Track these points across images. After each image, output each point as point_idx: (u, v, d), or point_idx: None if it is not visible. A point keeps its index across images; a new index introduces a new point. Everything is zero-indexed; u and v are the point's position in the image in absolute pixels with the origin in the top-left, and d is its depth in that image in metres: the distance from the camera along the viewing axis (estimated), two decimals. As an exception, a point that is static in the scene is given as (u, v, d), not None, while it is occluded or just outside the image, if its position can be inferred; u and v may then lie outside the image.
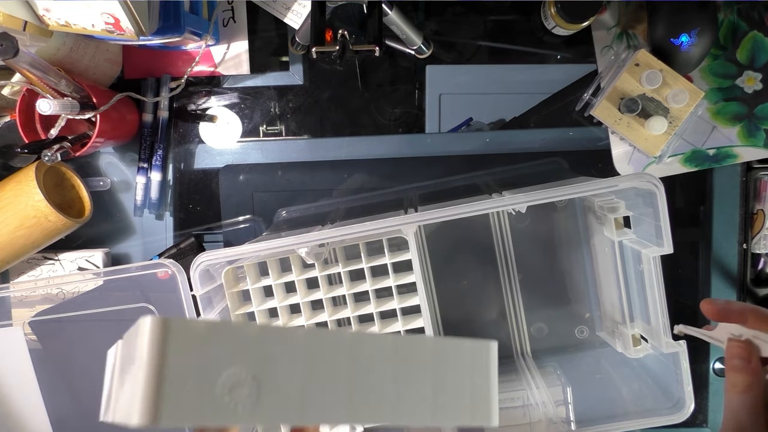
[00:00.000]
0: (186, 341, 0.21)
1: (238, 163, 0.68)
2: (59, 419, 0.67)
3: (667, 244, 0.51)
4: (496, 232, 0.66)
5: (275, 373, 0.23)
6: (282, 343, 0.23)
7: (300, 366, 0.23)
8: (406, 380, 0.26)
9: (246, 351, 0.22)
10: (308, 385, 0.23)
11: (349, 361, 0.24)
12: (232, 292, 0.60)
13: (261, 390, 0.22)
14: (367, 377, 0.25)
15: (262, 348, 0.23)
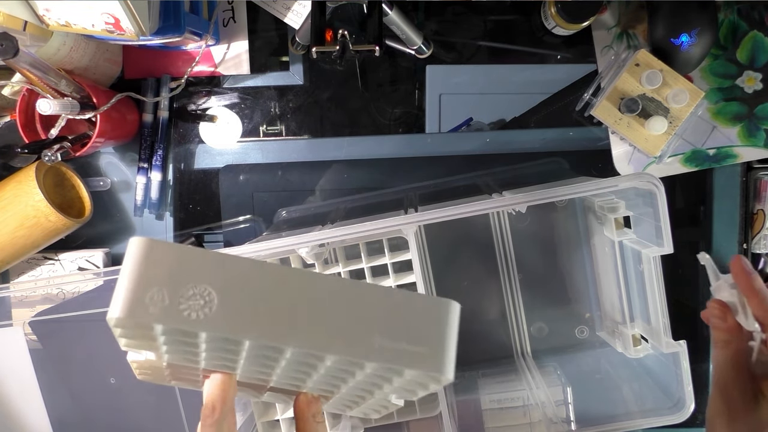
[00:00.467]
0: (159, 256, 0.26)
1: (238, 163, 0.68)
2: (59, 419, 0.67)
3: (667, 244, 0.51)
4: (496, 232, 0.66)
5: (232, 292, 0.26)
6: (243, 270, 0.27)
7: (254, 291, 0.27)
8: (350, 317, 0.27)
9: (207, 271, 0.26)
10: (258, 307, 0.26)
11: (299, 293, 0.27)
12: (232, 292, 0.60)
13: (215, 305, 0.26)
14: (314, 309, 0.27)
15: (224, 271, 0.26)
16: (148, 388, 0.65)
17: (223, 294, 0.26)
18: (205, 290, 0.26)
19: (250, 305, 0.26)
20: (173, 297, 0.25)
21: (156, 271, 0.25)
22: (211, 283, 0.26)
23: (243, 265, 0.27)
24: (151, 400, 0.65)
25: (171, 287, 0.25)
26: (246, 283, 0.26)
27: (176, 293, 0.25)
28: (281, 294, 0.27)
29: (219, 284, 0.26)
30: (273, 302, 0.27)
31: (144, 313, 0.25)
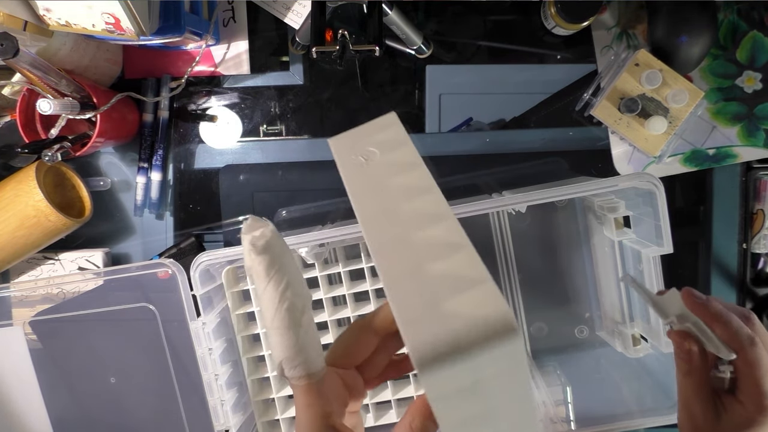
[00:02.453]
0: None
1: (238, 163, 0.68)
2: (59, 419, 0.67)
3: (667, 244, 0.52)
4: (496, 232, 0.66)
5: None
6: None
7: None
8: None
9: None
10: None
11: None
12: (232, 292, 0.60)
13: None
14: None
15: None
16: (148, 388, 0.65)
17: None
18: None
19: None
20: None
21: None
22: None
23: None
24: (151, 400, 0.65)
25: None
26: None
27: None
28: None
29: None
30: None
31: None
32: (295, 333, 0.28)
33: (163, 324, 0.62)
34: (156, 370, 0.63)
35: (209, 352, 0.57)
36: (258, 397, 0.62)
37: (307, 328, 0.28)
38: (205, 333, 0.57)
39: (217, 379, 0.57)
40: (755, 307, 0.68)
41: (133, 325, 0.63)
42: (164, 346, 0.62)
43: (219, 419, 0.58)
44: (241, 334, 0.61)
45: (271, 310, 0.28)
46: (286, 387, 0.63)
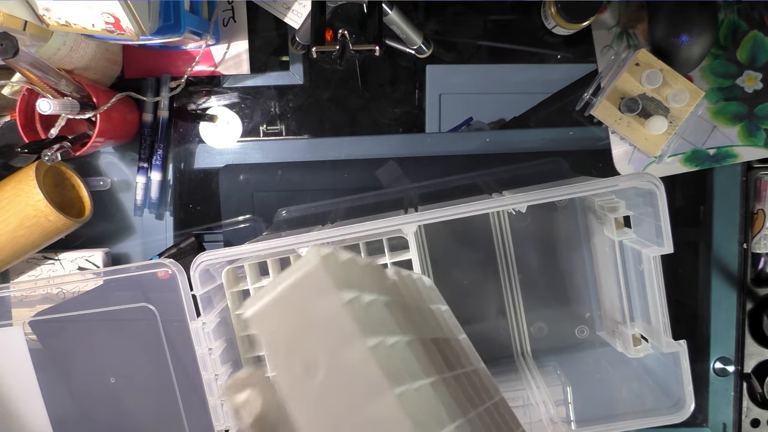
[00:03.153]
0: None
1: (238, 163, 0.68)
2: (59, 419, 0.67)
3: (667, 244, 0.51)
4: (496, 232, 0.66)
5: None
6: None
7: None
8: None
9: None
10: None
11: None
12: (232, 292, 0.60)
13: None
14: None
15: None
16: (148, 388, 0.65)
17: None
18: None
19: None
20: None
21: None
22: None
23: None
24: (151, 400, 0.65)
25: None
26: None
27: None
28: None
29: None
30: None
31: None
32: None
33: (163, 324, 0.62)
34: (156, 370, 0.63)
35: (209, 352, 0.57)
36: (258, 397, 0.62)
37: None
38: (205, 333, 0.57)
39: (217, 379, 0.57)
40: (755, 307, 0.68)
41: (133, 325, 0.63)
42: (164, 346, 0.62)
43: (219, 419, 0.58)
44: (241, 334, 0.61)
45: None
46: (286, 387, 0.63)
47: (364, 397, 0.20)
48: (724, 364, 0.69)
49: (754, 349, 0.68)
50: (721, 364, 0.68)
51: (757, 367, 0.68)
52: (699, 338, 0.68)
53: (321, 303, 0.21)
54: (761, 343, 0.68)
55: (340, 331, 0.21)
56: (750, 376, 0.68)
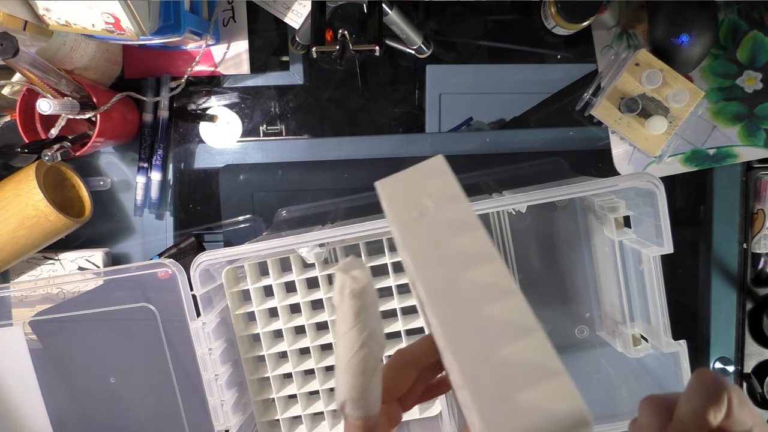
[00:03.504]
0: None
1: (238, 163, 0.68)
2: (59, 419, 0.67)
3: (667, 244, 0.52)
4: (496, 232, 0.66)
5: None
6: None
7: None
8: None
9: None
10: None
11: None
12: (232, 292, 0.60)
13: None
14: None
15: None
16: (148, 388, 0.65)
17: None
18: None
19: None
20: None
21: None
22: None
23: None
24: (151, 400, 0.65)
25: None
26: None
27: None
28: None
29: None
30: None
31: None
32: (367, 379, 0.28)
33: (163, 324, 0.62)
34: (156, 370, 0.63)
35: (209, 352, 0.57)
36: (258, 397, 0.62)
37: (377, 379, 0.29)
38: (205, 333, 0.57)
39: (217, 379, 0.57)
40: (755, 307, 0.68)
41: (133, 325, 0.63)
42: (164, 346, 0.62)
43: (219, 419, 0.58)
44: (241, 334, 0.61)
45: (349, 352, 0.28)
46: (286, 387, 0.63)
47: (459, 233, 0.27)
48: (724, 364, 0.69)
49: (754, 349, 0.68)
50: (721, 364, 0.68)
51: (756, 367, 0.68)
52: (699, 338, 0.68)
53: (437, 179, 0.29)
54: (761, 343, 0.68)
55: (447, 193, 0.28)
56: (750, 376, 0.68)
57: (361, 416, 0.29)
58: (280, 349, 0.61)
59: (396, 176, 0.30)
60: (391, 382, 0.32)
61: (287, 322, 0.61)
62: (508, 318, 0.24)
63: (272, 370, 0.61)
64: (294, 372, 0.62)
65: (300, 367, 0.61)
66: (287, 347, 0.61)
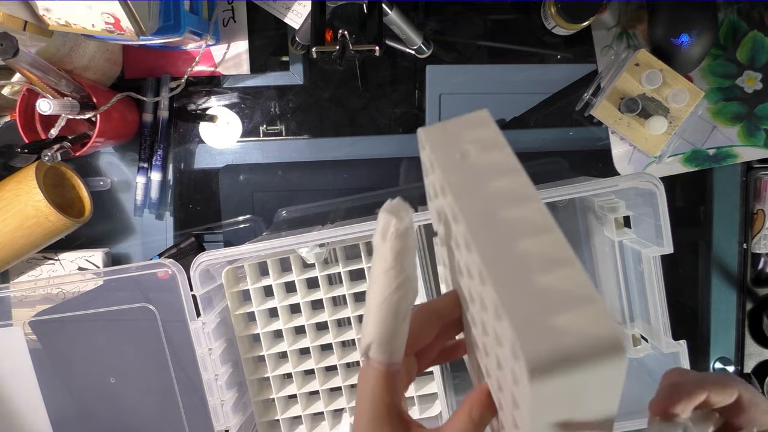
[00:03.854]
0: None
1: (238, 163, 0.68)
2: (59, 419, 0.67)
3: (667, 244, 0.52)
4: (496, 232, 0.66)
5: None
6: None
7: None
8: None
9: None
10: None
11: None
12: (232, 292, 0.60)
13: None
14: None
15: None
16: (148, 388, 0.65)
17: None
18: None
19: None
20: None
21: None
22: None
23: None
24: (151, 400, 0.65)
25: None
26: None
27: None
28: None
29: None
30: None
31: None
32: (397, 323, 0.29)
33: (163, 324, 0.62)
34: (156, 370, 0.63)
35: (209, 352, 0.57)
36: (258, 397, 0.62)
37: (405, 326, 0.29)
38: (205, 333, 0.57)
39: (217, 379, 0.57)
40: (755, 307, 0.68)
41: (133, 325, 0.63)
42: (164, 346, 0.62)
43: (219, 419, 0.58)
44: (241, 334, 0.61)
45: (383, 293, 0.28)
46: (286, 387, 0.63)
47: (501, 175, 0.28)
48: (724, 364, 0.69)
49: (754, 349, 0.68)
50: (721, 364, 0.68)
51: (756, 367, 0.68)
52: (699, 338, 0.68)
53: (481, 128, 0.30)
54: (761, 343, 0.68)
55: (490, 140, 0.29)
56: (750, 376, 0.68)
57: (385, 361, 0.29)
58: (280, 350, 0.61)
59: (439, 124, 0.31)
60: (414, 333, 0.31)
61: (287, 322, 0.61)
62: (546, 251, 0.25)
63: (272, 370, 0.61)
64: (294, 372, 0.62)
65: (300, 368, 0.61)
66: (287, 347, 0.61)
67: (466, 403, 0.30)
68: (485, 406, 0.29)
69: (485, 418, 0.29)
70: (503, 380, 0.27)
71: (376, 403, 0.29)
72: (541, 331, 0.21)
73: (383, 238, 0.28)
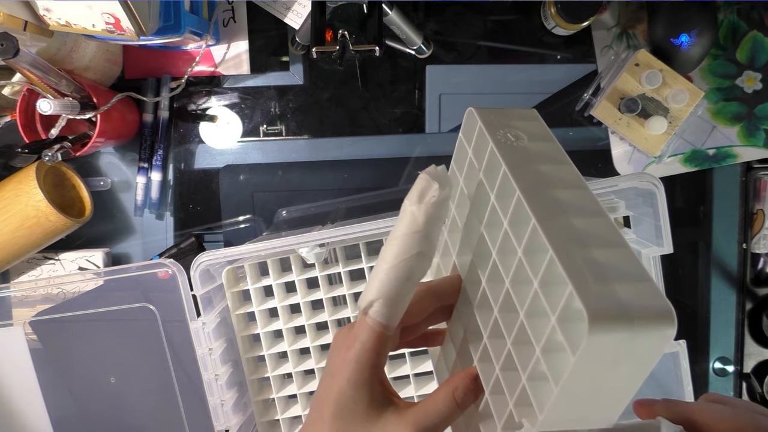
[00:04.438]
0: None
1: (238, 163, 0.68)
2: (59, 419, 0.67)
3: (667, 244, 0.52)
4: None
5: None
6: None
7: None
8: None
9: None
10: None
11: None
12: (232, 292, 0.60)
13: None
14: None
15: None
16: (148, 388, 0.65)
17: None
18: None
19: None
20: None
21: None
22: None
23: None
24: (151, 400, 0.65)
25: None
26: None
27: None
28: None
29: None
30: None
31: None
32: (405, 288, 0.28)
33: (163, 324, 0.62)
34: (156, 370, 0.63)
35: (209, 352, 0.57)
36: (258, 397, 0.62)
37: (411, 293, 0.29)
38: (205, 333, 0.57)
39: (217, 379, 0.57)
40: (755, 307, 0.68)
41: (133, 325, 0.63)
42: (164, 346, 0.62)
43: (219, 419, 0.58)
44: (241, 334, 0.61)
45: (401, 255, 0.28)
46: (286, 387, 0.63)
47: (552, 162, 0.29)
48: (723, 364, 0.69)
49: (754, 349, 0.68)
50: (720, 364, 0.69)
51: (756, 367, 0.68)
52: (699, 338, 0.68)
53: (530, 121, 0.31)
54: (761, 343, 0.68)
55: (540, 132, 0.31)
56: (749, 376, 0.68)
57: (384, 323, 0.29)
58: (280, 349, 0.61)
59: (491, 108, 0.32)
60: (409, 307, 0.31)
61: (287, 322, 0.61)
62: (601, 233, 0.25)
63: (272, 370, 0.61)
64: (294, 372, 0.62)
65: (300, 368, 0.61)
66: (287, 347, 0.61)
67: (451, 382, 0.30)
68: (470, 389, 0.29)
69: (467, 401, 0.29)
70: (508, 386, 0.27)
71: (362, 361, 0.28)
72: (601, 293, 0.22)
73: (420, 200, 0.28)
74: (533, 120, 0.31)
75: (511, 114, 0.31)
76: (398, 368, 0.62)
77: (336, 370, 0.29)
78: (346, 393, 0.28)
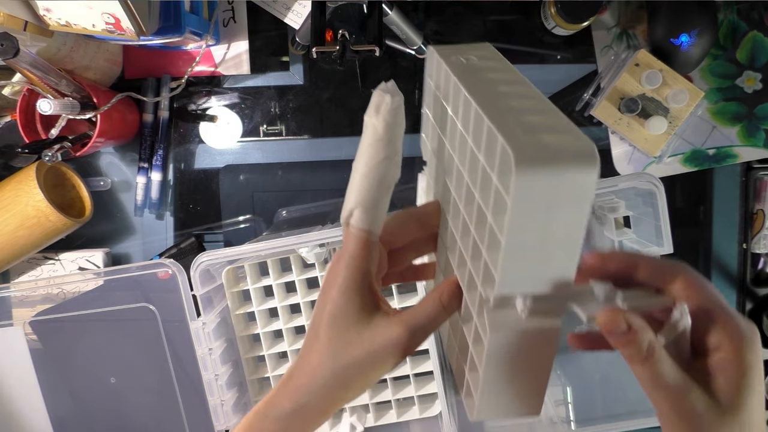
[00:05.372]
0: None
1: (238, 163, 0.68)
2: (59, 419, 0.67)
3: (667, 244, 0.52)
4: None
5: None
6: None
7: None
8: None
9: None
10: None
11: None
12: (232, 292, 0.60)
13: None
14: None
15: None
16: (148, 388, 0.65)
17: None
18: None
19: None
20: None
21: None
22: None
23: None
24: (151, 400, 0.65)
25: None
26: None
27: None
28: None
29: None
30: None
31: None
32: (381, 192, 0.31)
33: (163, 324, 0.62)
34: (156, 370, 0.63)
35: (209, 352, 0.57)
36: (258, 397, 0.62)
37: (387, 199, 0.32)
38: (205, 333, 0.57)
39: (217, 379, 0.57)
40: (755, 307, 0.68)
41: (133, 325, 0.63)
42: (164, 346, 0.62)
43: (219, 419, 0.58)
44: (241, 334, 0.61)
45: (371, 161, 0.32)
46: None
47: (499, 72, 0.31)
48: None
49: (754, 349, 0.68)
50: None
51: (756, 367, 0.68)
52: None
53: (483, 50, 0.34)
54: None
55: (490, 55, 0.33)
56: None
57: (366, 228, 0.30)
58: (280, 350, 0.61)
59: (447, 46, 0.35)
60: (391, 230, 0.33)
61: (287, 322, 0.61)
62: (537, 106, 0.27)
63: (272, 370, 0.61)
64: (294, 372, 0.62)
65: (300, 367, 0.61)
66: (287, 347, 0.61)
67: (436, 290, 0.32)
68: (454, 294, 0.31)
69: (452, 304, 0.31)
70: (476, 270, 0.29)
71: (352, 267, 0.30)
72: (528, 141, 0.24)
73: (376, 112, 0.31)
74: (485, 49, 0.34)
75: (466, 47, 0.34)
76: (398, 368, 0.62)
77: (328, 285, 0.31)
78: (338, 302, 0.30)
